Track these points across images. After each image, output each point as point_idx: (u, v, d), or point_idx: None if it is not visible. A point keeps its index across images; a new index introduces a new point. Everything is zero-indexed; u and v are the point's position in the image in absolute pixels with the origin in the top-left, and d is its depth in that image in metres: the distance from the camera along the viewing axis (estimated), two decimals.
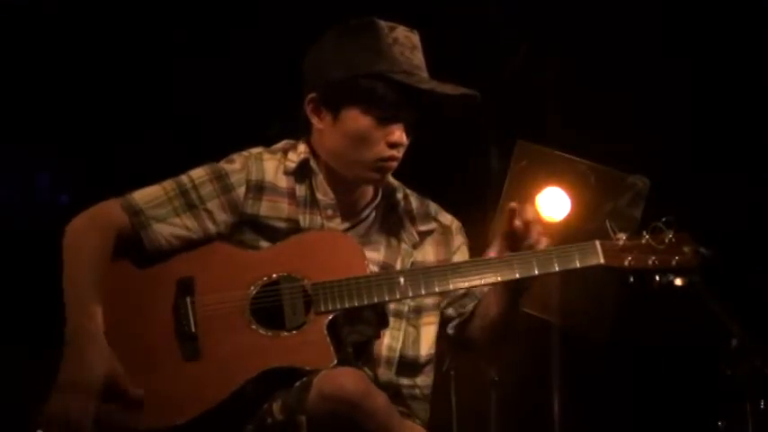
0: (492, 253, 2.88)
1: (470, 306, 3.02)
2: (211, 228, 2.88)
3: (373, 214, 3.01)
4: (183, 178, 2.91)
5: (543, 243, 2.85)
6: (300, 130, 3.00)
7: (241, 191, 2.90)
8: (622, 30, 4.86)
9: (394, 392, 2.87)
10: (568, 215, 4.58)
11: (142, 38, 4.78)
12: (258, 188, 2.91)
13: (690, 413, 4.69)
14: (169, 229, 2.85)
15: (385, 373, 2.89)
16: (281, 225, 2.90)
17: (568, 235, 4.46)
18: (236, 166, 2.92)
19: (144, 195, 2.88)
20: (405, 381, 2.93)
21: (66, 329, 2.70)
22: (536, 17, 4.98)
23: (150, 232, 2.84)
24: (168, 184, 2.90)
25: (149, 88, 4.83)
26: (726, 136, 4.85)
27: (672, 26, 4.80)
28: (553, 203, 4.60)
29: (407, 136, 2.91)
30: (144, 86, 4.83)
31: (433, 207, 3.09)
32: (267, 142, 3.05)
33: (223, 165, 2.93)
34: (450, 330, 3.05)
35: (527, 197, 4.58)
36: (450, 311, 3.03)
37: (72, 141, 4.90)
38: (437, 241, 3.05)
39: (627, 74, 4.88)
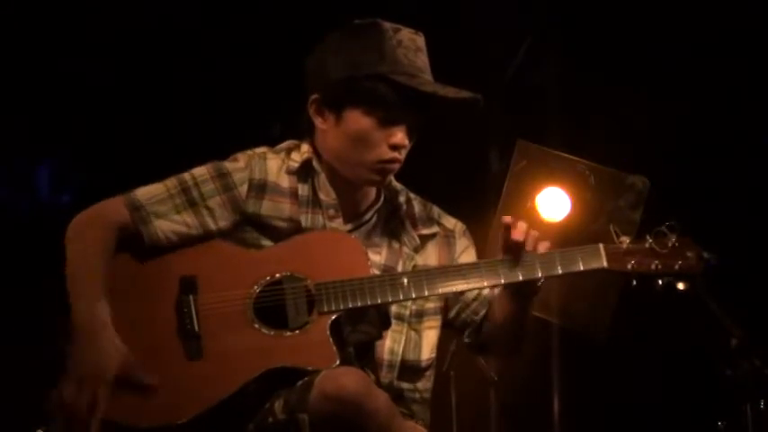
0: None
1: (482, 312, 3.02)
2: (211, 225, 2.88)
3: (375, 217, 3.01)
4: (185, 176, 2.92)
5: (543, 247, 2.87)
6: (303, 131, 3.00)
7: (243, 189, 2.90)
8: (622, 29, 4.86)
9: (395, 396, 2.86)
10: (568, 215, 4.58)
11: (143, 38, 4.78)
12: (260, 187, 2.91)
13: (690, 413, 4.70)
14: (169, 225, 2.86)
15: (386, 377, 2.90)
16: (283, 225, 2.90)
17: (568, 235, 4.48)
18: (239, 164, 2.93)
19: (146, 192, 2.88)
20: (406, 385, 2.93)
21: (74, 320, 2.71)
22: (536, 17, 4.98)
23: (150, 227, 2.84)
24: (170, 181, 2.91)
25: (150, 88, 4.83)
26: (726, 136, 4.86)
27: (673, 25, 4.80)
28: (553, 203, 4.60)
29: (410, 138, 2.91)
30: (145, 86, 4.83)
31: (436, 211, 3.10)
32: (268, 142, 3.05)
33: (226, 163, 2.94)
34: (466, 339, 3.07)
35: (527, 197, 4.58)
36: (464, 316, 3.04)
37: (73, 142, 4.90)
38: (440, 245, 3.05)
39: (627, 74, 4.89)
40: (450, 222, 3.09)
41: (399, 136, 2.88)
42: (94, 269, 2.78)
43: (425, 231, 3.04)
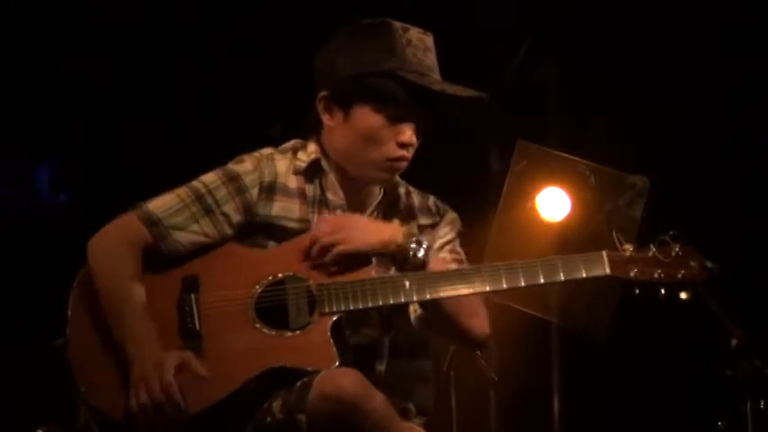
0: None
1: None
2: (228, 232, 2.88)
3: (376, 212, 3.01)
4: (197, 184, 2.90)
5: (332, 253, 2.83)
6: (308, 130, 3.00)
7: (254, 192, 2.89)
8: (623, 29, 4.87)
9: (398, 377, 2.87)
10: (568, 215, 4.58)
11: (143, 38, 4.78)
12: (270, 189, 2.90)
13: (690, 413, 4.70)
14: (188, 237, 2.85)
15: (383, 363, 2.93)
16: (293, 225, 2.90)
17: (568, 235, 4.48)
18: (247, 166, 2.92)
19: (160, 205, 2.86)
20: (404, 366, 2.93)
21: (126, 345, 2.72)
22: (536, 17, 4.99)
23: (171, 241, 2.84)
24: (182, 191, 2.89)
25: (150, 88, 4.83)
26: (726, 136, 4.86)
27: (673, 25, 4.80)
28: (553, 203, 4.60)
29: (417, 136, 2.92)
30: (145, 86, 4.83)
31: (434, 201, 3.09)
32: (269, 142, 3.05)
33: (234, 167, 2.92)
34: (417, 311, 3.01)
35: (527, 197, 4.58)
36: None
37: (73, 142, 4.90)
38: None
39: (627, 74, 4.89)
40: (444, 211, 3.07)
41: (408, 134, 2.88)
42: (134, 296, 2.78)
43: (425, 222, 3.04)
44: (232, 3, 4.85)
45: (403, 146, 2.88)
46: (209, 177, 2.91)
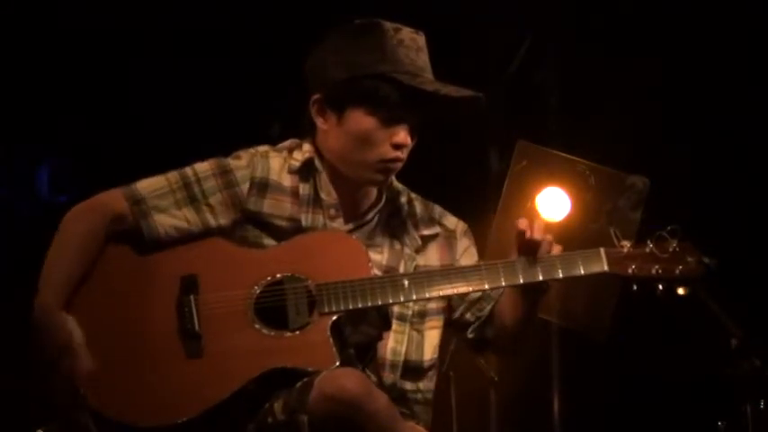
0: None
1: (488, 308, 3.02)
2: (212, 222, 2.88)
3: (377, 217, 3.01)
4: (188, 171, 2.92)
5: (557, 250, 2.89)
6: (304, 131, 3.00)
7: (245, 187, 2.90)
8: (622, 29, 4.87)
9: (398, 396, 2.87)
10: (568, 215, 4.58)
11: (143, 38, 4.78)
12: (262, 186, 2.91)
13: (690, 413, 4.70)
14: (169, 220, 2.86)
15: (389, 377, 2.90)
16: (284, 224, 2.90)
17: (568, 235, 4.47)
18: (241, 162, 2.93)
19: (147, 185, 2.89)
20: (408, 385, 2.94)
21: (33, 308, 2.76)
22: (536, 17, 4.99)
23: (150, 221, 2.85)
24: (172, 175, 2.91)
25: (150, 88, 4.83)
26: (727, 135, 4.86)
27: (673, 25, 4.80)
28: (553, 203, 4.59)
29: (412, 137, 2.92)
30: (144, 86, 4.83)
31: (438, 211, 3.09)
32: (268, 142, 3.05)
33: (229, 160, 2.94)
34: (470, 334, 3.06)
35: (527, 197, 4.58)
36: (469, 316, 3.04)
37: (73, 142, 4.90)
38: (441, 246, 3.04)
39: (627, 73, 4.89)
40: (452, 222, 3.09)
41: (402, 135, 2.88)
42: (68, 257, 2.79)
43: (427, 232, 3.04)
44: (232, 2, 4.85)
45: (397, 147, 2.88)
46: (202, 166, 2.93)
